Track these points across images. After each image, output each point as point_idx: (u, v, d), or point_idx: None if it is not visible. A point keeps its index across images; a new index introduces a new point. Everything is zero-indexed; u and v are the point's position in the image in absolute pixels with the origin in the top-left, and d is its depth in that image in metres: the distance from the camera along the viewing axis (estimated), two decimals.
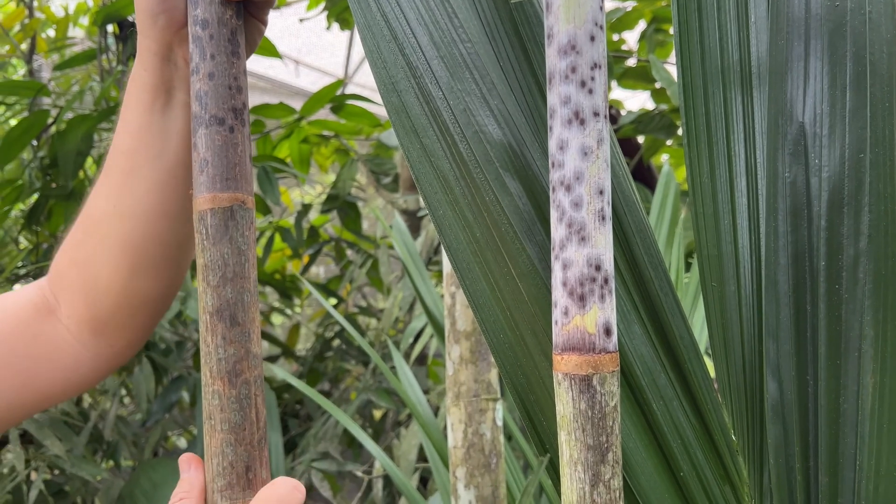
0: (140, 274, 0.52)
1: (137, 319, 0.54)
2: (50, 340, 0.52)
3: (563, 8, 0.29)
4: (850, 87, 0.31)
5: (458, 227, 0.34)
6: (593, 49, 0.29)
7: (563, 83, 0.29)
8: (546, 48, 0.30)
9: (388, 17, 0.36)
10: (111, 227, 0.51)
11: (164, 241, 0.52)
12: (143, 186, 0.50)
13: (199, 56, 0.45)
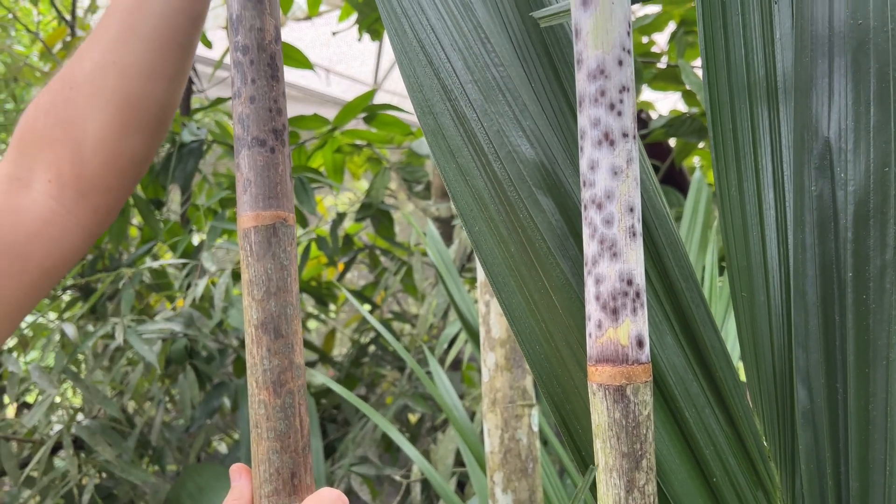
0: (130, 133, 0.51)
1: (123, 181, 0.53)
2: (33, 215, 0.51)
3: (591, 34, 0.31)
4: (874, 102, 0.32)
5: (493, 242, 0.36)
6: (621, 73, 0.31)
7: (593, 106, 0.31)
8: (576, 72, 0.32)
9: (424, 44, 0.37)
10: (106, 81, 0.50)
11: (158, 101, 0.52)
12: (142, 45, 0.51)
13: (241, 80, 0.47)
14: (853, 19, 0.33)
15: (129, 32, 0.51)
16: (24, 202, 0.51)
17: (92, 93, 0.51)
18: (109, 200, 0.53)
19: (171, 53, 0.52)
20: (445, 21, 0.37)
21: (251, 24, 0.47)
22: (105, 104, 0.51)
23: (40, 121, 0.51)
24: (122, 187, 0.53)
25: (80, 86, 0.51)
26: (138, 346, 0.87)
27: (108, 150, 0.51)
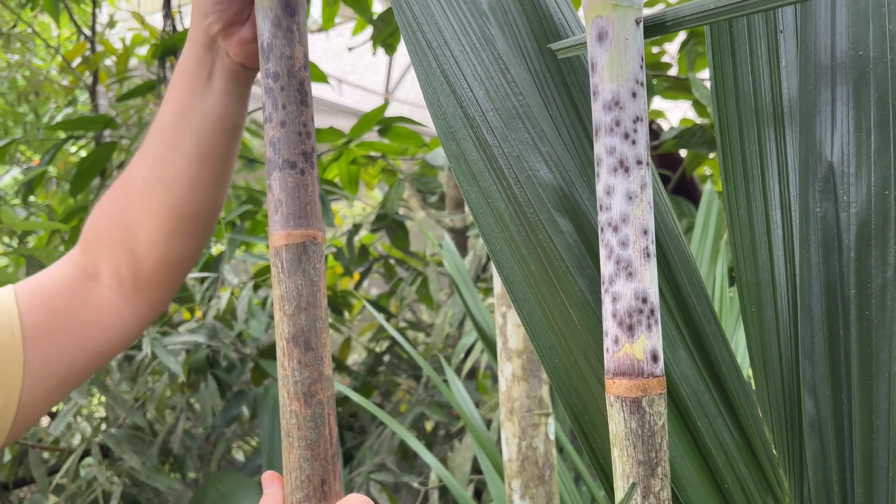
0: (178, 237, 0.57)
1: (173, 277, 0.59)
2: (96, 304, 0.57)
3: (606, 68, 0.33)
4: (874, 129, 0.34)
5: (514, 261, 0.38)
6: (635, 104, 0.33)
7: (609, 135, 0.33)
8: (592, 103, 0.34)
9: (447, 74, 0.39)
10: (153, 194, 0.56)
11: (201, 208, 0.57)
12: (185, 159, 0.56)
13: (272, 106, 0.50)
14: (854, 50, 0.35)
15: (171, 148, 0.56)
16: (91, 291, 0.57)
17: (142, 204, 0.56)
18: (162, 294, 0.59)
19: (211, 165, 0.57)
20: (468, 53, 0.39)
21: (282, 51, 0.49)
22: (154, 214, 0.56)
23: (102, 224, 0.58)
24: (173, 282, 0.59)
25: (132, 197, 0.57)
26: (164, 358, 0.89)
27: (159, 252, 0.57)
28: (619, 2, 0.33)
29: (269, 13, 0.49)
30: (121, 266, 0.57)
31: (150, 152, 0.57)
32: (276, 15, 0.50)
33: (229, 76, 0.55)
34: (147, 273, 0.58)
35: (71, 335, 0.56)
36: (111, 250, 0.58)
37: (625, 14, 0.33)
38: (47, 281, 0.58)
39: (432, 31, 0.40)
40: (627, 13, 0.33)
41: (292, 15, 0.50)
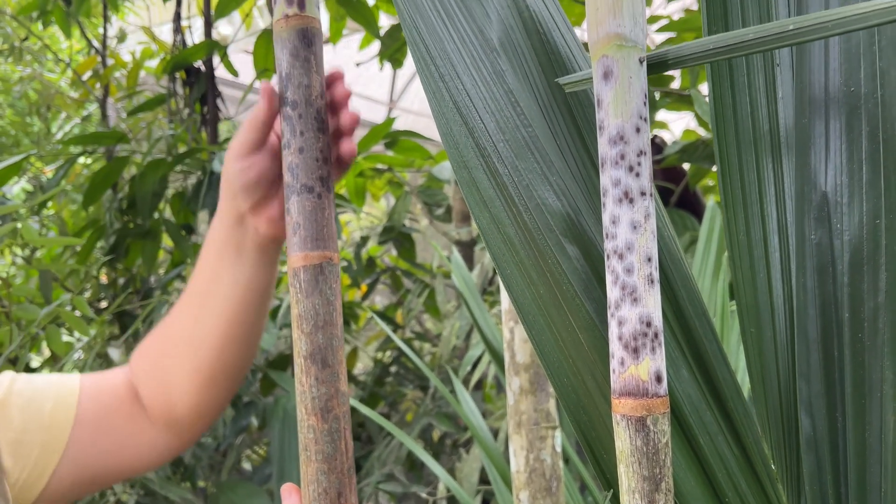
0: (208, 389, 0.61)
1: (203, 421, 0.63)
2: (137, 423, 0.62)
3: (612, 105, 0.35)
4: (865, 162, 0.35)
5: (524, 285, 0.40)
6: (639, 139, 0.35)
7: (614, 168, 0.35)
8: (598, 136, 0.36)
9: (459, 106, 0.41)
10: (186, 351, 0.60)
11: (230, 365, 0.61)
12: (213, 322, 0.59)
13: (290, 133, 0.52)
14: (846, 86, 0.37)
15: (203, 311, 0.60)
16: (136, 410, 0.62)
17: (176, 357, 0.61)
18: (192, 433, 0.64)
19: (240, 326, 0.61)
20: (479, 86, 0.41)
21: (299, 81, 0.52)
22: (186, 368, 0.61)
23: (144, 362, 0.63)
24: (203, 425, 0.64)
25: (168, 348, 0.62)
26: None
27: (190, 400, 0.61)
28: (623, 42, 0.35)
29: (288, 44, 0.52)
30: (156, 404, 0.62)
31: (185, 311, 0.61)
32: (293, 46, 0.52)
33: (258, 248, 0.58)
34: (179, 416, 0.62)
35: (111, 438, 0.60)
36: (149, 388, 0.62)
37: (629, 54, 0.35)
38: (107, 382, 0.62)
39: (445, 64, 0.42)
40: (631, 53, 0.35)
41: (309, 46, 0.52)
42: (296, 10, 0.51)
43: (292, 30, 0.51)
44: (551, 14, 0.44)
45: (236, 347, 0.60)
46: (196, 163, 1.41)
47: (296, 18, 0.51)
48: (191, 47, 1.55)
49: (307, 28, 0.52)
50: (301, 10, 0.51)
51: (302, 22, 0.51)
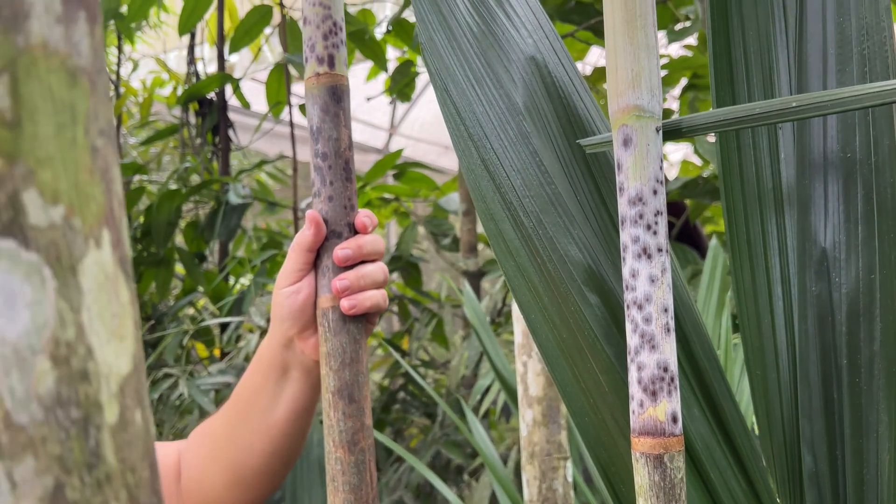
0: (236, 488, 0.64)
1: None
2: (171, 500, 0.65)
3: (631, 169, 0.39)
4: (861, 222, 0.39)
5: (547, 329, 0.43)
6: (656, 200, 0.38)
7: (633, 226, 0.38)
8: (618, 197, 0.39)
9: (487, 164, 0.45)
10: (222, 449, 0.64)
11: (261, 470, 0.64)
12: (251, 430, 0.63)
13: (321, 182, 0.55)
14: (843, 152, 0.40)
15: (243, 420, 0.63)
16: (171, 489, 0.66)
17: (212, 455, 0.65)
18: None
19: (273, 440, 0.63)
20: (506, 146, 0.45)
21: (329, 134, 0.55)
22: (219, 465, 0.64)
23: (191, 449, 0.67)
24: None
25: (207, 442, 0.66)
26: (199, 398, 0.94)
27: (219, 495, 0.65)
28: (641, 113, 0.38)
29: (319, 100, 0.55)
30: (192, 494, 0.65)
31: (226, 415, 0.64)
32: (324, 101, 0.55)
33: (304, 370, 0.61)
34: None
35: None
36: (188, 477, 0.65)
37: (647, 123, 0.38)
38: (171, 451, 0.67)
39: (474, 125, 0.46)
40: (649, 122, 0.38)
41: (338, 102, 0.56)
42: (326, 69, 0.55)
43: (323, 87, 0.55)
44: (571, 79, 0.47)
45: (267, 458, 0.63)
46: (209, 193, 1.44)
47: (326, 76, 0.55)
48: (204, 80, 1.59)
49: (336, 85, 0.55)
50: (331, 68, 0.55)
51: (332, 80, 0.55)
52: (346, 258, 0.54)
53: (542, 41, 0.48)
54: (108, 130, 0.17)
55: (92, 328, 0.16)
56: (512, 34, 0.48)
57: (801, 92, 0.42)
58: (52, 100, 0.15)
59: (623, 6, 0.39)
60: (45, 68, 0.15)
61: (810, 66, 0.42)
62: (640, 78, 0.38)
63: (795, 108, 0.35)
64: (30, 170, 0.15)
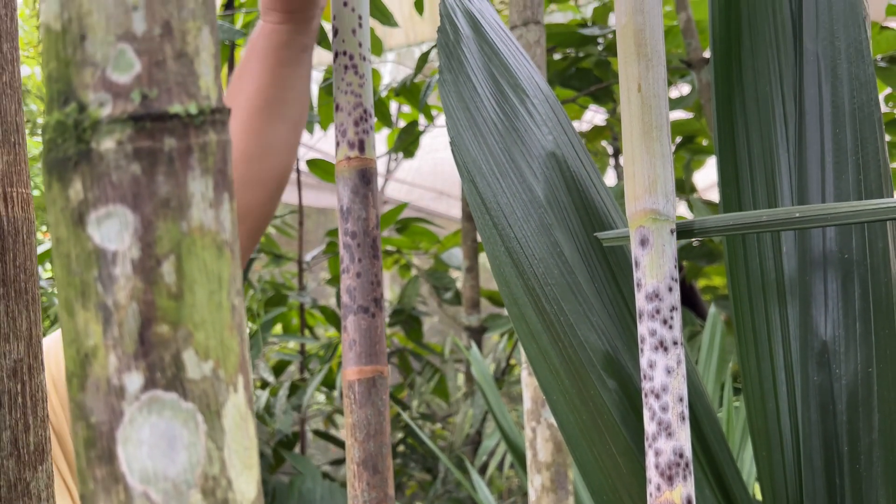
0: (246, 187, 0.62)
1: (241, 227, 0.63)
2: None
3: (648, 268, 0.42)
4: (859, 318, 0.43)
5: (567, 410, 0.46)
6: (671, 296, 0.42)
7: (650, 320, 0.42)
8: (636, 292, 0.43)
9: (511, 251, 0.49)
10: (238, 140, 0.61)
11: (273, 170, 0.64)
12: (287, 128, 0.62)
13: (349, 259, 0.58)
14: (841, 253, 0.44)
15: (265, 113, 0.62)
16: None
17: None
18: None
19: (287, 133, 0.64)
20: (528, 236, 0.48)
21: (358, 214, 0.59)
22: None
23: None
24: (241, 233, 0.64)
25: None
26: None
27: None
28: (657, 216, 0.42)
29: (349, 182, 0.59)
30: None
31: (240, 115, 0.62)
32: (354, 184, 0.59)
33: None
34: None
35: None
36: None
37: (662, 226, 0.42)
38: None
39: (498, 215, 0.49)
40: (664, 225, 0.42)
41: (367, 184, 0.59)
42: (357, 153, 0.59)
43: (353, 170, 0.59)
44: (588, 173, 0.51)
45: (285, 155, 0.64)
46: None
47: (357, 160, 0.59)
48: None
49: (366, 169, 0.59)
50: (361, 153, 0.59)
51: (362, 164, 0.59)
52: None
53: (561, 137, 0.52)
54: (240, 289, 0.20)
55: (231, 462, 0.19)
56: (534, 131, 0.52)
57: (802, 195, 0.46)
58: (206, 272, 0.19)
59: (640, 119, 0.43)
60: (201, 246, 0.19)
61: (810, 172, 0.46)
62: (657, 184, 0.42)
63: (798, 219, 0.39)
64: (189, 333, 0.18)
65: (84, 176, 0.18)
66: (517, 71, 0.54)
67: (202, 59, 0.19)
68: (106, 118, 0.18)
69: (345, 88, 0.60)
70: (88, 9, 0.17)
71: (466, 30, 0.55)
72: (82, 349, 0.18)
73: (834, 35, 0.47)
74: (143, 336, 0.18)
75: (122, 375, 0.18)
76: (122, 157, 0.18)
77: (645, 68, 0.42)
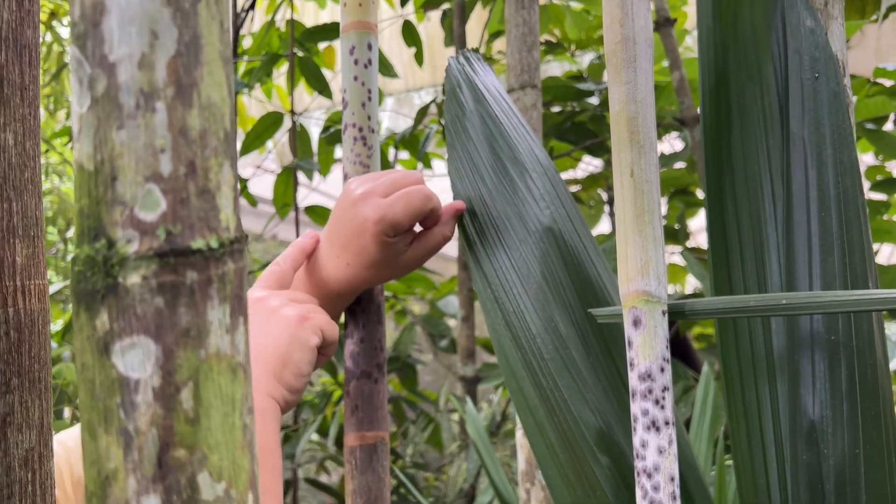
0: None
1: None
2: None
3: (640, 348, 0.43)
4: (845, 399, 0.44)
5: (562, 485, 0.47)
6: (663, 377, 0.43)
7: (643, 400, 0.43)
8: (629, 371, 0.44)
9: (511, 325, 0.50)
10: None
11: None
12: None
13: (354, 325, 0.60)
14: (828, 334, 0.45)
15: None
16: None
17: None
18: None
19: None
20: (527, 310, 0.50)
21: None
22: None
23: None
24: None
25: None
26: None
27: None
28: (649, 298, 0.43)
29: None
30: None
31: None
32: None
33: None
34: None
35: None
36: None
37: (654, 307, 0.43)
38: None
39: (499, 290, 0.51)
40: (656, 306, 0.43)
41: None
42: None
43: None
44: (584, 246, 0.53)
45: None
46: None
47: None
48: None
49: None
50: None
51: None
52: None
53: (558, 211, 0.54)
54: (251, 406, 0.21)
55: None
56: (532, 205, 0.53)
57: (790, 276, 0.48)
58: (221, 395, 0.20)
59: (633, 203, 0.44)
60: (217, 371, 0.20)
61: (798, 252, 0.48)
62: (649, 267, 0.43)
63: (784, 306, 0.40)
64: (204, 455, 0.19)
65: (111, 308, 0.19)
66: (518, 144, 0.56)
67: (223, 192, 0.20)
68: (133, 255, 0.19)
69: (353, 159, 0.62)
70: (120, 151, 0.19)
71: (471, 103, 0.57)
72: (103, 471, 0.19)
73: (819, 121, 0.49)
74: (162, 460, 0.19)
75: (141, 498, 0.19)
76: (147, 290, 0.19)
77: (638, 154, 0.44)
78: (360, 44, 0.60)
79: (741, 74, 0.53)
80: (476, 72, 0.59)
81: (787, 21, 0.51)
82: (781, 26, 0.52)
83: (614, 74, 0.45)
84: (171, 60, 0.18)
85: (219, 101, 0.20)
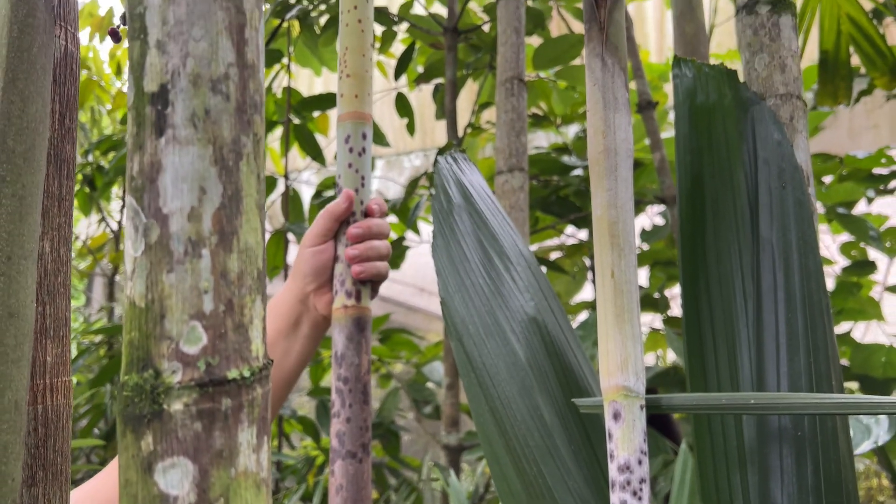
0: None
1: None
2: None
3: (620, 440, 0.46)
4: (811, 493, 0.46)
5: None
6: (641, 469, 0.45)
7: (622, 491, 0.45)
8: (609, 462, 0.46)
9: (495, 411, 0.52)
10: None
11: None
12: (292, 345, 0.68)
13: (340, 404, 0.62)
14: (795, 430, 0.48)
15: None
16: None
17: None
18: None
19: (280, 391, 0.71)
20: (512, 396, 0.52)
21: (351, 360, 0.62)
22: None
23: None
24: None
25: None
26: None
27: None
28: (629, 393, 0.46)
29: (345, 329, 0.63)
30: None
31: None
32: (350, 331, 0.63)
33: (313, 325, 0.69)
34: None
35: None
36: None
37: (633, 402, 0.46)
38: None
39: (483, 375, 0.53)
40: (635, 401, 0.46)
41: (361, 331, 0.63)
42: (353, 302, 0.63)
43: (350, 318, 0.63)
44: (566, 337, 0.56)
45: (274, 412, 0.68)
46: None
47: (353, 309, 0.63)
48: None
49: (361, 317, 0.63)
50: (358, 302, 0.63)
51: (358, 312, 0.63)
52: (358, 236, 0.63)
53: (541, 303, 0.57)
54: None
55: None
56: (517, 296, 0.57)
57: (760, 373, 0.51)
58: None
59: (613, 303, 0.47)
60: (244, 487, 0.22)
61: (766, 351, 0.51)
62: (628, 363, 0.46)
63: (753, 406, 0.43)
64: None
65: (155, 431, 0.21)
66: (503, 239, 0.59)
67: (255, 325, 0.23)
68: (177, 384, 0.22)
69: (346, 242, 0.65)
70: (169, 292, 0.21)
71: (458, 199, 0.61)
72: None
73: (786, 228, 0.53)
74: None
75: None
76: (188, 416, 0.21)
77: (618, 257, 0.48)
78: (355, 133, 0.63)
79: (715, 179, 0.57)
80: (463, 171, 0.62)
81: (757, 133, 0.56)
82: (752, 137, 0.56)
83: (597, 181, 0.49)
84: (217, 212, 0.21)
85: (254, 245, 0.23)
